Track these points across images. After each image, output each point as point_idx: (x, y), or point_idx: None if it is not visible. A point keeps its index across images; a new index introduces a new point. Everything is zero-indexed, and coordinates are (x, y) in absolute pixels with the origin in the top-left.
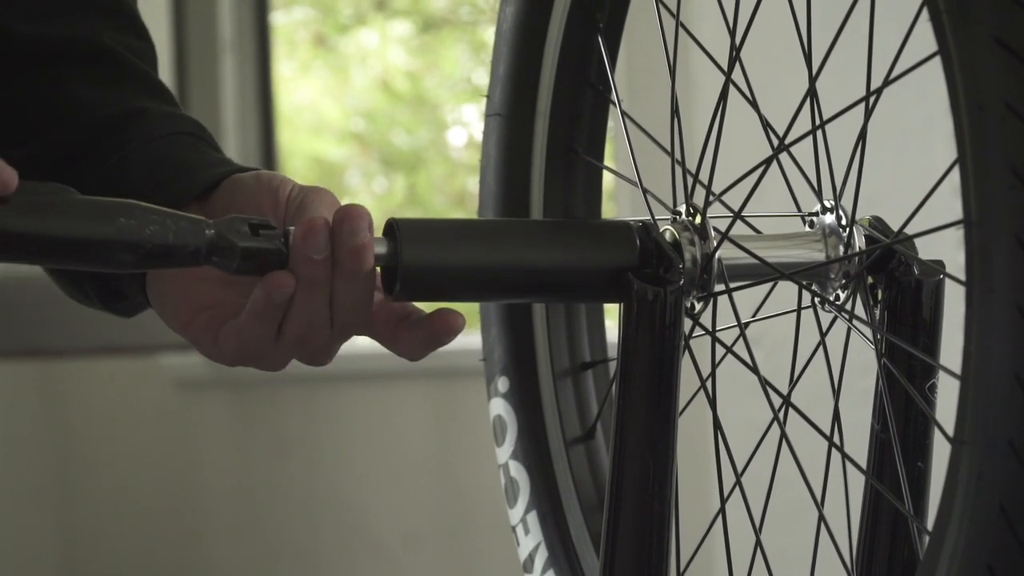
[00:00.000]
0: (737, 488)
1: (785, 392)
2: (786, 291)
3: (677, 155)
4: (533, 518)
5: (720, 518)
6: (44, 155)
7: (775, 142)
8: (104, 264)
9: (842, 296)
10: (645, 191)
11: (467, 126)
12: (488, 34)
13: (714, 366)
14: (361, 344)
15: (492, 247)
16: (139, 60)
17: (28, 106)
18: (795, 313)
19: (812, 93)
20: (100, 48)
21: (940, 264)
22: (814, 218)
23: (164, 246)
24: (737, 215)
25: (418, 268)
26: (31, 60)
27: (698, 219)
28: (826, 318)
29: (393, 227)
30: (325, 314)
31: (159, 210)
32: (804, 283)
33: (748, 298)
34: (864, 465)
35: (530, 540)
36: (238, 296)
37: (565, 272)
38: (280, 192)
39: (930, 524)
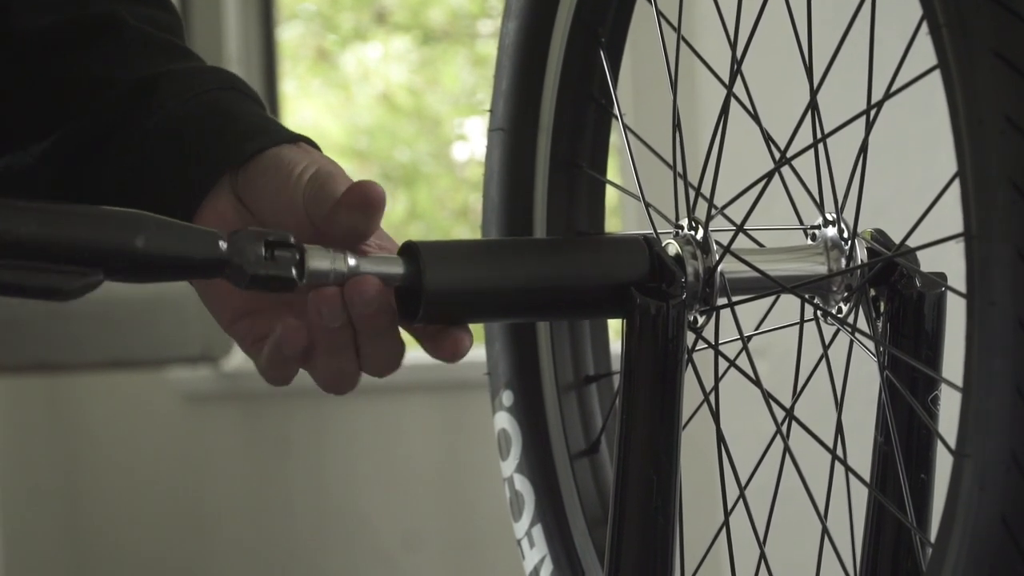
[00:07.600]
0: (741, 501)
1: (788, 405)
2: (790, 303)
3: (679, 169)
4: (538, 531)
5: (724, 531)
6: (69, 143)
7: (777, 155)
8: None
9: (844, 309)
10: (648, 205)
11: (469, 140)
12: (488, 47)
13: (717, 379)
14: None
15: (512, 268)
16: (157, 29)
17: (49, 96)
18: (798, 326)
19: (813, 106)
20: (113, 23)
21: (942, 276)
22: (816, 231)
23: (173, 257)
24: (739, 228)
25: (441, 293)
26: (46, 49)
27: (700, 233)
28: (829, 331)
29: (413, 250)
30: (353, 365)
31: (171, 223)
32: (806, 296)
33: (751, 311)
34: (867, 477)
35: (535, 553)
36: (276, 299)
37: (579, 290)
38: (299, 182)
39: (933, 536)
